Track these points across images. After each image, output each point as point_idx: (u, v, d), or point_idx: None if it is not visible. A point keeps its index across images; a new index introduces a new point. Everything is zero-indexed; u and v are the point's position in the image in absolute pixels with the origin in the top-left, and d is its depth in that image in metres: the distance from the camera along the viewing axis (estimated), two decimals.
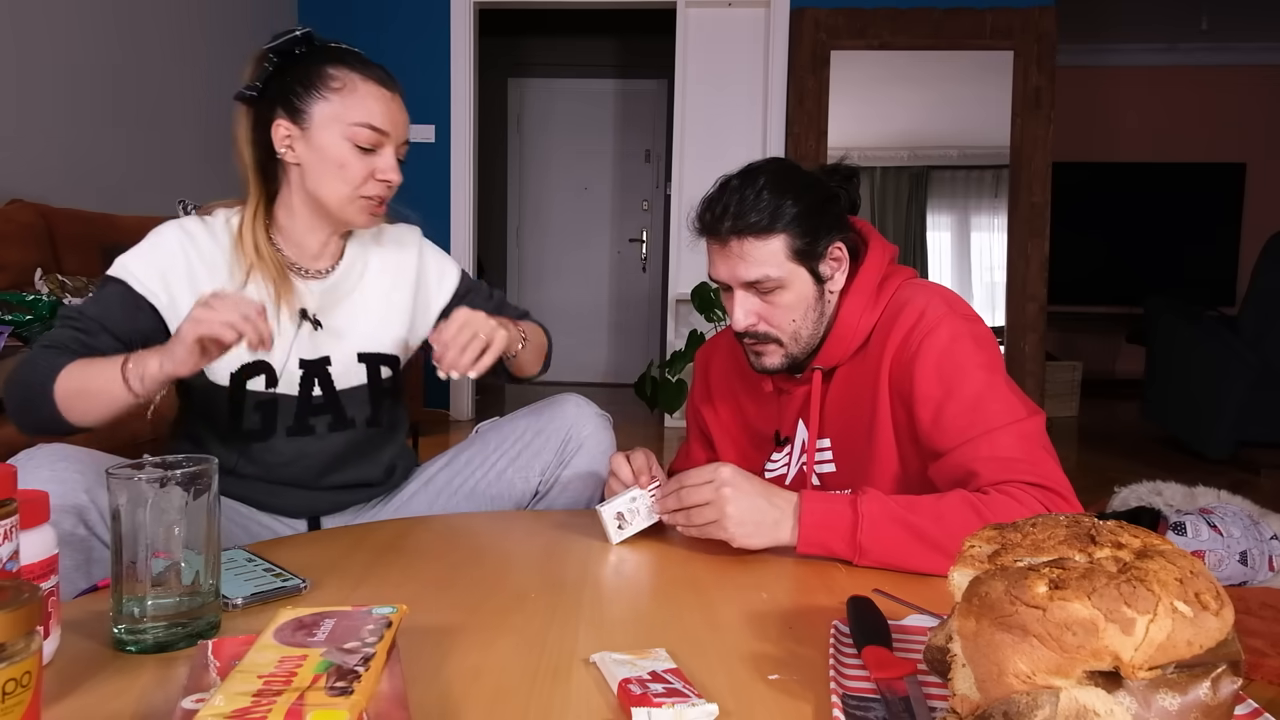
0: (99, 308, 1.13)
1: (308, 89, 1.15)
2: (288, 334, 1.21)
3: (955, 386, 1.03)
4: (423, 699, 0.64)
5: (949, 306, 1.09)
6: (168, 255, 1.15)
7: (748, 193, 1.08)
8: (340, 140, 1.14)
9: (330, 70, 1.15)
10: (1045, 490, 0.96)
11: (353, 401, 1.27)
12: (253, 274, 1.18)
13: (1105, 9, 5.47)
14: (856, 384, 1.14)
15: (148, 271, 1.14)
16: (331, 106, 1.14)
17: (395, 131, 1.16)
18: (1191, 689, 0.49)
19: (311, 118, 1.14)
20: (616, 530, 1.06)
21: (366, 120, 1.14)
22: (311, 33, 1.18)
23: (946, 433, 1.03)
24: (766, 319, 1.13)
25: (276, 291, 1.19)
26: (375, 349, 1.28)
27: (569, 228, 6.22)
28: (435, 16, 4.36)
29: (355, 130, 1.14)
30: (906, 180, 4.52)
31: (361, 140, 1.14)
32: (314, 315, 1.23)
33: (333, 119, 1.14)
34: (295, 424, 1.23)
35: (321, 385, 1.24)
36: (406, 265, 1.33)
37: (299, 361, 1.22)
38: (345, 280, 1.26)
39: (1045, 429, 1.03)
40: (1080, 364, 5.16)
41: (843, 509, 0.97)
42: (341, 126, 1.14)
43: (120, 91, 3.21)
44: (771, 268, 1.09)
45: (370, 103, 1.14)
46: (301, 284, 1.22)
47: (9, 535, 0.64)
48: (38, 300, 2.15)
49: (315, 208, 1.19)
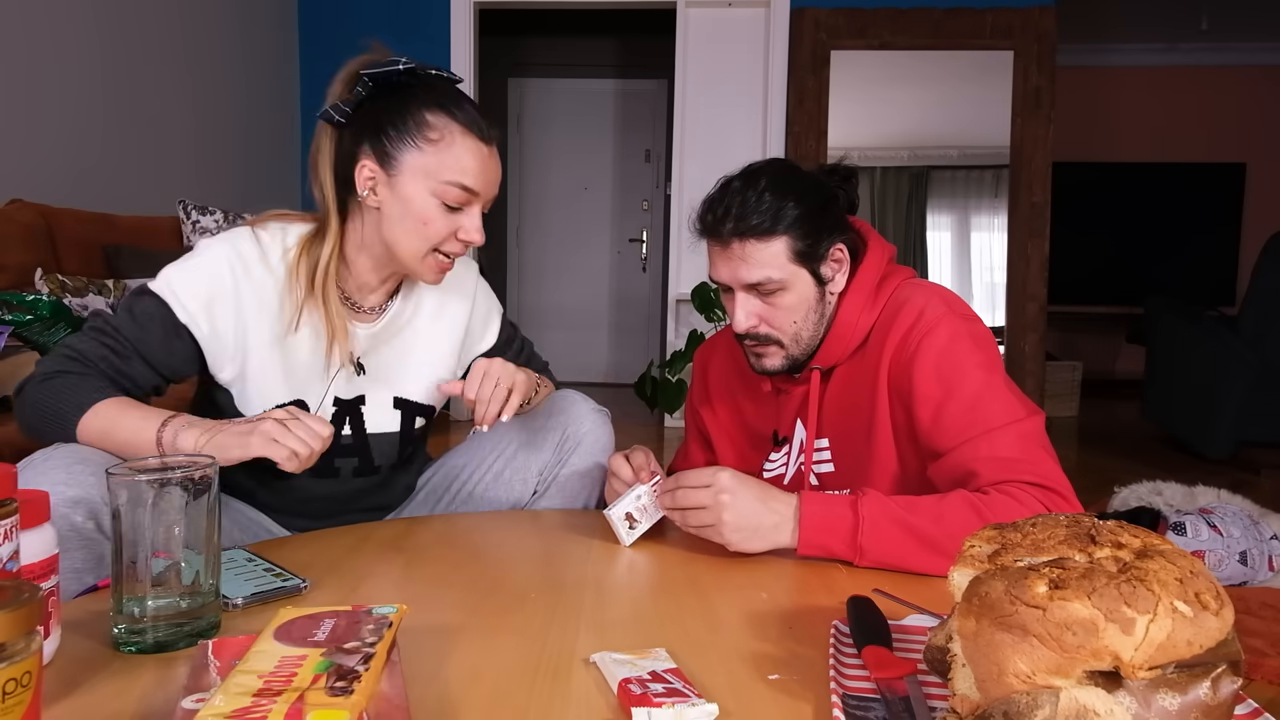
0: (136, 328, 1.06)
1: (401, 133, 1.05)
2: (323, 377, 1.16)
3: (954, 386, 1.03)
4: (423, 699, 0.64)
5: (947, 306, 1.09)
6: (216, 280, 1.07)
7: (749, 194, 1.08)
8: (427, 195, 1.06)
9: (429, 117, 1.05)
10: (1045, 490, 0.96)
11: (381, 446, 1.22)
12: (306, 310, 1.10)
13: (1105, 9, 5.47)
14: (855, 384, 1.14)
15: (193, 296, 1.06)
16: (424, 158, 1.05)
17: (486, 191, 1.09)
18: (1191, 689, 0.49)
19: (401, 165, 1.06)
20: (628, 532, 1.05)
21: (459, 180, 1.06)
22: (415, 68, 1.07)
23: (946, 433, 1.03)
24: (768, 321, 1.13)
25: (330, 336, 1.11)
26: (413, 397, 1.24)
27: (569, 228, 6.22)
28: (435, 16, 4.36)
29: (446, 188, 1.06)
30: (906, 180, 4.52)
31: (450, 199, 1.06)
32: (358, 359, 1.18)
33: (424, 172, 1.05)
34: (321, 464, 1.15)
35: (352, 425, 1.19)
36: (460, 312, 1.27)
37: (334, 399, 1.17)
38: (395, 322, 1.20)
39: (1045, 429, 1.03)
40: (1080, 364, 5.16)
41: (842, 511, 0.97)
42: (432, 182, 1.05)
43: (120, 92, 3.21)
44: (773, 270, 1.09)
45: (466, 160, 1.06)
46: (352, 326, 1.16)
47: (9, 535, 0.64)
48: (38, 300, 2.15)
49: (385, 253, 1.12)
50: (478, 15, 4.45)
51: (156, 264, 1.14)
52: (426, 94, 1.06)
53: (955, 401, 1.03)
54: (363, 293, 1.17)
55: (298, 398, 1.14)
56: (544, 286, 6.27)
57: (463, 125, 1.06)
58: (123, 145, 3.24)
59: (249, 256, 1.09)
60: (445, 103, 1.06)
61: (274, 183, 4.28)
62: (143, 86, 3.34)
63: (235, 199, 3.78)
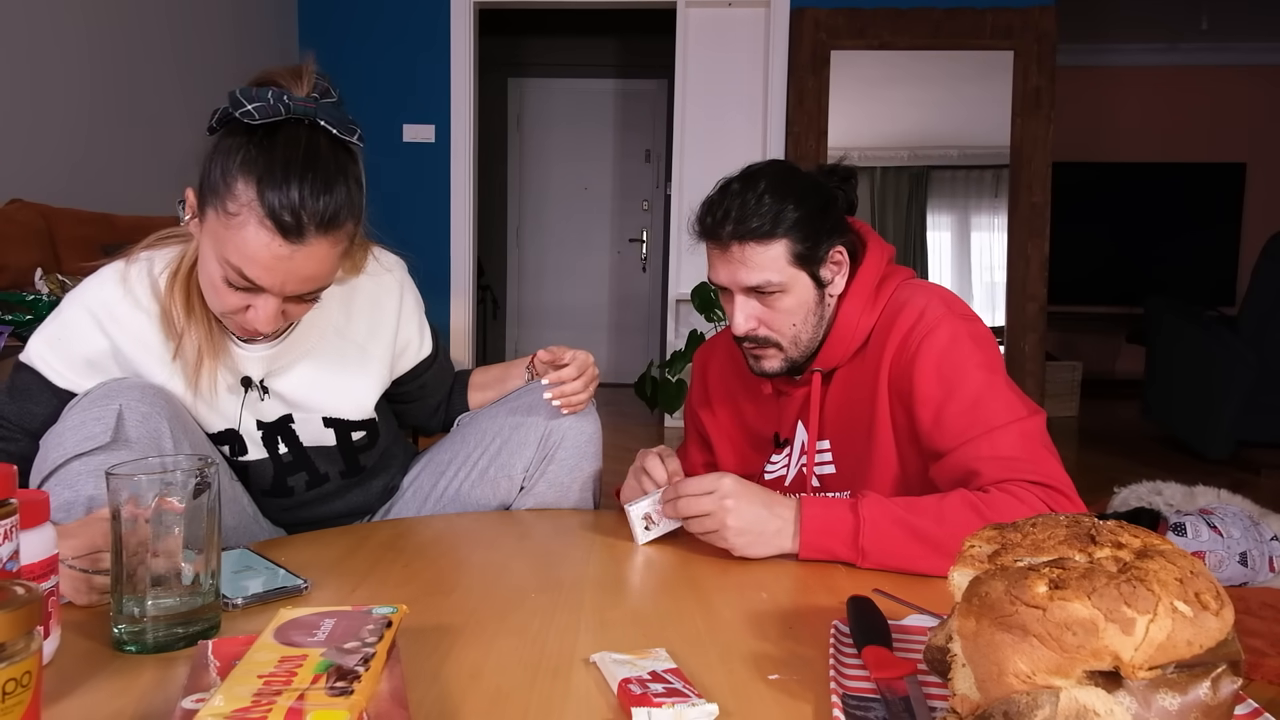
0: (16, 406, 1.03)
1: (211, 185, 0.91)
2: (234, 400, 1.10)
3: (955, 387, 1.03)
4: (423, 699, 0.64)
5: (947, 307, 1.09)
6: (85, 339, 1.02)
7: (749, 197, 1.08)
8: (214, 263, 0.93)
9: (239, 185, 0.88)
10: (1047, 489, 0.96)
11: (322, 458, 1.19)
12: (186, 337, 1.02)
13: (1105, 9, 5.47)
14: (856, 385, 1.14)
15: (67, 363, 1.02)
16: (217, 225, 0.91)
17: (277, 288, 0.92)
18: (1191, 689, 0.49)
19: (204, 217, 0.93)
20: (644, 531, 1.05)
21: (240, 267, 0.91)
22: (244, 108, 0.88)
23: (947, 433, 1.03)
24: (767, 323, 1.13)
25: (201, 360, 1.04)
26: (344, 415, 1.18)
27: (569, 228, 6.22)
28: (435, 16, 4.36)
29: (228, 268, 0.92)
30: (906, 180, 4.52)
31: (233, 280, 0.92)
32: (260, 382, 1.11)
33: (214, 238, 0.92)
34: (272, 486, 1.18)
35: (287, 443, 1.15)
36: (387, 323, 1.20)
37: (256, 422, 1.12)
38: (300, 344, 1.12)
39: (1046, 428, 1.03)
40: (1080, 364, 5.16)
41: (843, 513, 0.97)
42: (219, 253, 0.92)
43: (120, 92, 3.21)
44: (773, 273, 1.09)
45: (251, 250, 0.89)
46: (239, 350, 1.08)
47: (9, 535, 0.64)
48: (38, 300, 2.15)
49: None
50: (478, 15, 4.45)
51: None
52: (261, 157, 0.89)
53: (956, 401, 1.03)
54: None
55: (229, 426, 1.10)
56: (544, 286, 6.27)
57: (265, 213, 0.88)
58: (123, 145, 3.24)
59: (111, 302, 1.03)
60: (268, 175, 0.88)
61: None
62: (142, 86, 3.34)
63: None
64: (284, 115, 0.90)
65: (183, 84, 3.60)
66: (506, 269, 6.25)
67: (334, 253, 0.94)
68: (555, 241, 6.24)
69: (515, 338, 6.31)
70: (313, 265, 0.92)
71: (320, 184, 0.89)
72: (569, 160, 6.17)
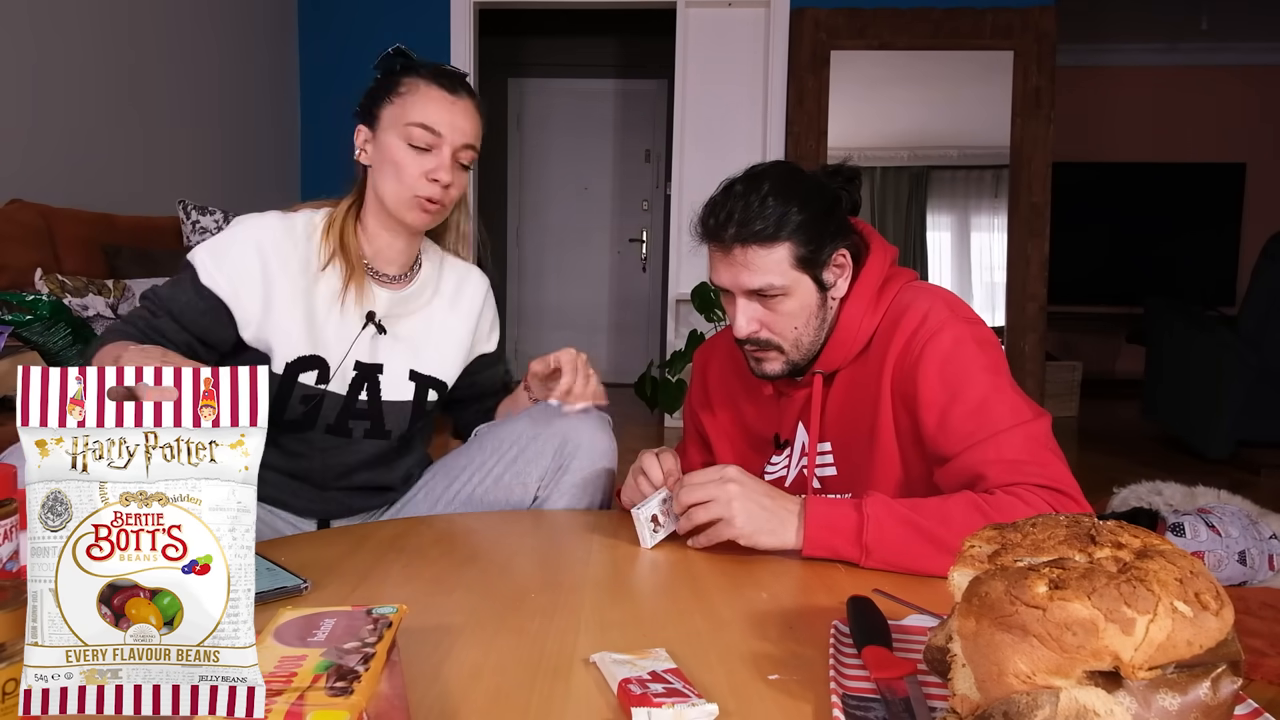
0: (169, 289, 1.19)
1: (381, 96, 1.21)
2: (351, 332, 1.24)
3: (960, 390, 1.03)
4: (423, 699, 0.64)
5: (951, 310, 1.08)
6: (241, 246, 1.19)
7: (752, 199, 1.07)
8: (398, 141, 1.18)
9: (404, 79, 1.20)
10: (1054, 492, 0.96)
11: (394, 414, 1.29)
12: (330, 267, 1.22)
13: (1105, 9, 5.47)
14: (858, 388, 1.14)
15: (218, 262, 1.18)
16: (395, 110, 1.19)
17: (451, 134, 1.18)
18: (1191, 689, 0.49)
19: (380, 121, 1.20)
20: (651, 534, 1.04)
21: (421, 120, 1.17)
22: (402, 48, 1.22)
23: (952, 437, 1.02)
24: (769, 326, 1.12)
25: (349, 284, 1.22)
26: (428, 371, 1.31)
27: (569, 228, 6.22)
28: (435, 16, 4.36)
29: (410, 130, 1.17)
30: (906, 180, 4.52)
31: (415, 140, 1.17)
32: (380, 320, 1.26)
33: (394, 121, 1.19)
34: (336, 423, 1.26)
35: (369, 391, 1.26)
36: (473, 304, 1.37)
37: (355, 363, 1.25)
38: (418, 296, 1.30)
39: (1051, 430, 1.03)
40: (1080, 364, 5.16)
41: (847, 511, 0.97)
42: (400, 128, 1.18)
43: (121, 92, 3.21)
44: (775, 276, 1.08)
45: (428, 105, 1.18)
46: (375, 287, 1.26)
47: (9, 535, 0.64)
48: (38, 300, 2.15)
49: (381, 209, 1.23)
50: (478, 15, 4.45)
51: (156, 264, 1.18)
52: (413, 67, 1.22)
53: (961, 405, 1.02)
54: (383, 262, 1.27)
55: (318, 354, 1.21)
56: (544, 286, 6.27)
57: (428, 78, 1.19)
58: (123, 145, 3.25)
59: (275, 226, 1.21)
60: (421, 69, 1.21)
61: (274, 183, 4.28)
62: (143, 86, 3.34)
63: (235, 199, 3.78)
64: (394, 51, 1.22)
65: (183, 84, 3.60)
66: (506, 269, 6.25)
67: (477, 118, 1.22)
68: (555, 241, 6.24)
69: (515, 337, 6.31)
70: (469, 120, 1.20)
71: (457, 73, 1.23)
72: (569, 160, 6.17)
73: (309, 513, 1.29)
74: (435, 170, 1.18)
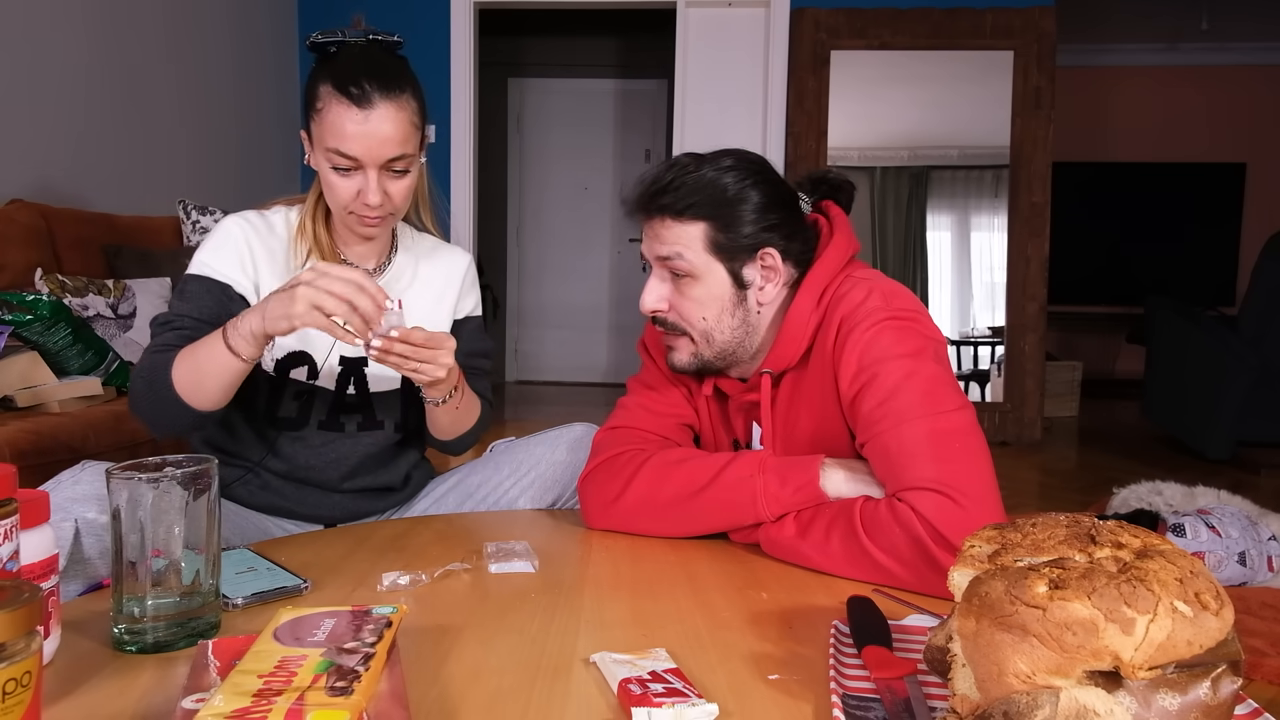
0: (191, 304, 1.16)
1: (307, 107, 1.15)
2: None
3: (873, 379, 0.99)
4: (423, 699, 0.64)
5: (883, 298, 1.04)
6: (233, 240, 1.18)
7: (687, 174, 1.07)
8: (324, 163, 1.13)
9: (320, 89, 1.11)
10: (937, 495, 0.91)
11: (384, 404, 1.28)
12: (309, 264, 1.19)
13: (1105, 9, 5.47)
14: (806, 388, 1.10)
15: (227, 262, 1.18)
16: (317, 128, 1.13)
17: (368, 156, 1.10)
18: (1191, 689, 0.49)
19: (311, 135, 1.16)
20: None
21: (335, 146, 1.10)
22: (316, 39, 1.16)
23: (861, 425, 1.00)
24: (675, 308, 1.10)
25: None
26: None
27: (569, 227, 6.22)
28: (435, 16, 4.36)
29: (330, 155, 1.11)
30: (906, 180, 4.52)
31: (338, 164, 1.11)
32: None
33: (319, 140, 1.13)
34: (328, 418, 1.25)
35: (356, 385, 1.26)
36: (452, 283, 1.35)
37: (339, 358, 1.24)
38: (392, 286, 1.28)
39: (972, 423, 0.98)
40: (1080, 364, 5.16)
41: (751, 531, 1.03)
42: (323, 150, 1.12)
43: (121, 92, 3.21)
44: (684, 249, 1.06)
45: (341, 126, 1.09)
46: None
47: (9, 535, 0.64)
48: (38, 300, 2.15)
49: None
50: (477, 15, 4.45)
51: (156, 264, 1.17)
52: (329, 66, 1.12)
53: (871, 394, 0.99)
54: (355, 256, 1.26)
55: (304, 349, 1.21)
56: (544, 286, 6.27)
57: (338, 91, 1.09)
58: (123, 145, 3.24)
59: (256, 222, 1.21)
60: (337, 72, 1.10)
61: (274, 182, 4.28)
62: (143, 87, 3.34)
63: (235, 199, 3.78)
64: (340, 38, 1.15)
65: (182, 84, 3.60)
66: (506, 269, 6.25)
67: (402, 118, 1.11)
68: (555, 241, 6.24)
69: (515, 337, 6.31)
70: (388, 127, 1.10)
71: (375, 64, 1.12)
72: (569, 160, 6.17)
73: (314, 519, 1.29)
74: (364, 193, 1.12)
